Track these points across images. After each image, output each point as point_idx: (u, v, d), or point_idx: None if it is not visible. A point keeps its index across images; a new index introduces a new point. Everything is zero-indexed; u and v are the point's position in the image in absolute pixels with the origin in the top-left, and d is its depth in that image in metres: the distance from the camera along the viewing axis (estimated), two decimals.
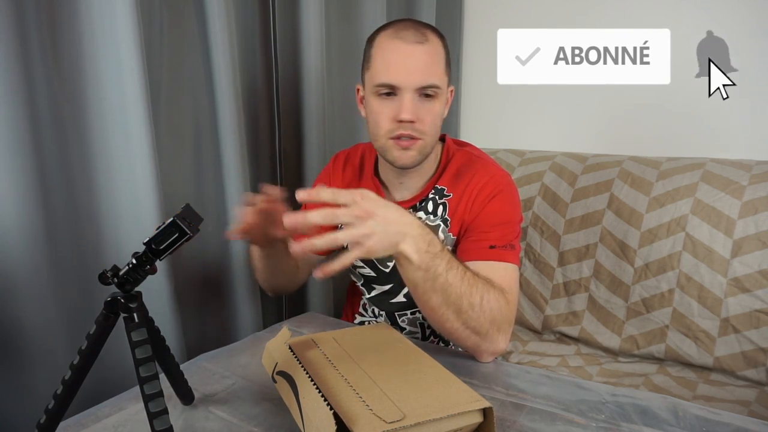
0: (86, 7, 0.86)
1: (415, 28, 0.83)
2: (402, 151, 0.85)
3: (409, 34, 0.82)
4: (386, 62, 0.82)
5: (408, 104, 0.81)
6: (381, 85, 0.83)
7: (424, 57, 0.82)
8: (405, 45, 0.81)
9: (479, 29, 1.74)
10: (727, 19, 1.32)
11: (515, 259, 0.85)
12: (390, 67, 0.82)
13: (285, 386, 0.64)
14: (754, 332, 1.14)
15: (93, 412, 0.67)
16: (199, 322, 1.13)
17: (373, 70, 0.85)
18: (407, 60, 0.81)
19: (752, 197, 1.18)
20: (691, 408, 0.67)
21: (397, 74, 0.81)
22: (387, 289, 0.99)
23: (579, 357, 1.29)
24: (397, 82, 0.81)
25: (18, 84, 0.77)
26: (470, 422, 0.57)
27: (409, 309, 1.00)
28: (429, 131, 0.85)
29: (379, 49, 0.84)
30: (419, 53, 0.81)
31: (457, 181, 0.91)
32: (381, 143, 0.87)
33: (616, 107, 1.51)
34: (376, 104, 0.85)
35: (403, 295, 0.98)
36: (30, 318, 0.82)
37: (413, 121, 0.82)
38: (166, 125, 1.03)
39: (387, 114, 0.84)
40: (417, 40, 0.81)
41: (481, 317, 0.74)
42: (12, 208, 0.78)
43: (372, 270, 0.98)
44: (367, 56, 0.87)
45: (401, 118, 0.82)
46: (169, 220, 0.52)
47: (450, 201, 0.91)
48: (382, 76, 0.82)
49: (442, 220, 0.92)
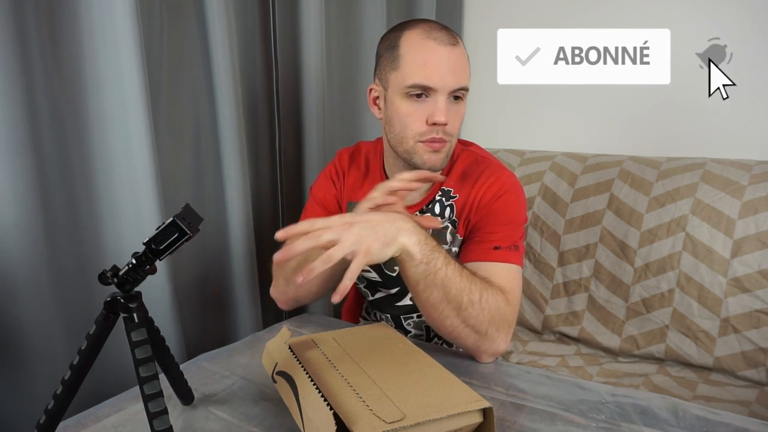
0: (86, 7, 0.86)
1: (446, 29, 0.82)
2: (432, 154, 0.83)
3: (442, 36, 0.80)
4: (421, 63, 0.80)
5: (443, 107, 0.80)
6: (414, 86, 0.80)
7: (459, 59, 0.81)
8: (440, 47, 0.80)
9: (479, 29, 1.74)
10: (727, 19, 1.32)
11: (519, 260, 0.85)
12: (426, 68, 0.79)
13: (285, 386, 0.64)
14: (754, 332, 1.14)
15: (93, 412, 0.67)
16: (199, 322, 1.13)
17: (404, 70, 0.81)
18: (443, 62, 0.80)
19: (752, 197, 1.18)
20: (691, 408, 0.67)
21: (434, 76, 0.79)
22: (393, 293, 0.98)
23: (579, 357, 1.29)
24: (434, 84, 0.79)
25: (18, 84, 0.77)
26: (470, 422, 0.57)
27: (415, 312, 0.99)
28: (455, 133, 0.85)
29: (410, 50, 0.81)
30: (454, 55, 0.80)
31: (463, 182, 0.91)
32: (409, 146, 0.84)
33: (616, 107, 1.51)
34: (405, 106, 0.82)
35: (409, 299, 0.97)
36: (30, 318, 0.82)
37: (446, 124, 0.81)
38: (166, 125, 1.03)
39: (419, 116, 0.82)
40: (450, 42, 0.80)
41: (481, 315, 0.73)
42: (12, 208, 0.78)
43: (378, 275, 0.97)
44: (392, 56, 0.83)
45: (436, 121, 0.80)
46: (169, 220, 0.52)
47: (456, 202, 0.91)
48: (417, 77, 0.80)
49: (450, 221, 0.91)
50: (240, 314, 1.17)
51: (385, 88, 0.86)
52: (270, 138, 1.29)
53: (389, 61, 0.84)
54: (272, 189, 1.32)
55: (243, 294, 1.16)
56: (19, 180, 0.78)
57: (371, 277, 0.98)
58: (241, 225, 1.13)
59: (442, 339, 1.03)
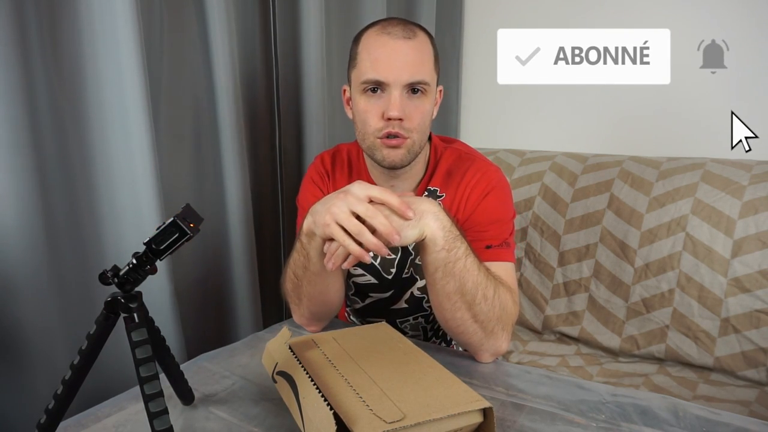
0: (86, 7, 0.86)
1: (403, 24, 0.81)
2: (390, 150, 0.82)
3: (397, 30, 0.79)
4: (373, 58, 0.79)
5: (396, 101, 0.79)
6: (368, 82, 0.80)
7: (412, 52, 0.79)
8: (392, 41, 0.79)
9: (479, 29, 1.74)
10: (727, 19, 1.32)
11: (512, 257, 0.84)
12: (378, 62, 0.79)
13: (285, 386, 0.64)
14: (754, 332, 1.14)
15: (93, 412, 0.67)
16: (199, 322, 1.13)
17: (359, 67, 0.82)
18: (395, 55, 0.78)
19: (752, 197, 1.18)
20: (691, 408, 0.67)
21: (385, 70, 0.78)
22: (387, 296, 0.96)
23: (579, 357, 1.29)
24: (385, 77, 0.78)
25: (18, 84, 0.77)
26: (470, 422, 0.57)
27: (411, 315, 0.99)
28: (417, 129, 0.82)
29: (366, 46, 0.81)
30: (407, 48, 0.79)
31: (448, 181, 0.90)
32: (369, 143, 0.84)
33: (616, 107, 1.51)
34: (362, 102, 0.82)
35: (404, 301, 0.97)
36: (30, 318, 0.82)
37: (401, 119, 0.79)
38: (166, 125, 1.03)
39: (374, 112, 0.81)
40: (405, 35, 0.79)
41: (491, 312, 0.73)
42: (12, 208, 0.78)
43: (374, 277, 0.96)
44: (353, 54, 0.85)
45: (389, 115, 0.79)
46: (169, 220, 0.52)
47: (443, 201, 0.89)
48: (369, 72, 0.79)
49: None
50: (240, 314, 1.17)
51: (350, 88, 0.86)
52: (270, 138, 1.29)
53: (351, 60, 0.85)
54: (272, 189, 1.32)
55: (243, 294, 1.16)
56: (20, 180, 0.78)
57: (363, 281, 0.96)
58: (241, 225, 1.13)
59: (441, 338, 1.03)
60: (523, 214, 1.48)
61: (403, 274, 0.94)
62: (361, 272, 0.95)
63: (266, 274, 1.28)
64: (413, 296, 0.95)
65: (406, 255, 0.93)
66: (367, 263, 0.74)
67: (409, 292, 0.95)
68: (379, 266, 0.94)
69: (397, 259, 0.93)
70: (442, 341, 1.04)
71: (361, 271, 0.96)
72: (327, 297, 0.84)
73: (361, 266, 0.95)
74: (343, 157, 0.97)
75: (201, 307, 1.14)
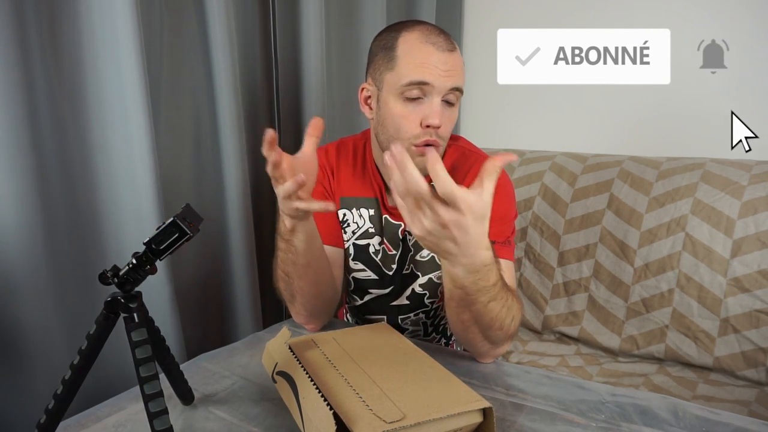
0: (86, 7, 0.86)
1: (444, 35, 0.82)
2: (422, 158, 0.80)
3: (440, 41, 0.80)
4: (419, 62, 0.79)
5: (438, 108, 0.80)
6: (411, 84, 0.79)
7: (455, 63, 0.81)
8: (438, 52, 0.79)
9: (479, 29, 1.74)
10: (727, 19, 1.32)
11: (511, 256, 0.85)
12: (425, 66, 0.79)
13: (285, 386, 0.64)
14: (754, 332, 1.14)
15: (93, 412, 0.67)
16: (199, 322, 1.13)
17: (400, 69, 0.81)
18: (441, 63, 0.79)
19: (752, 197, 1.18)
20: (691, 408, 0.67)
21: (433, 73, 0.79)
22: (387, 293, 0.97)
23: (579, 357, 1.29)
24: (432, 79, 0.79)
25: (18, 84, 0.77)
26: (470, 422, 0.57)
27: (412, 311, 0.98)
28: (446, 138, 0.85)
29: (408, 51, 0.80)
30: (451, 60, 0.81)
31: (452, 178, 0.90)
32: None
33: (616, 107, 1.51)
34: (399, 107, 0.81)
35: (406, 298, 0.97)
36: (30, 318, 0.82)
37: (440, 126, 0.81)
38: (166, 125, 1.03)
39: (413, 118, 0.80)
40: (449, 48, 0.81)
41: (504, 336, 0.74)
42: (12, 208, 0.78)
43: (375, 273, 0.95)
44: (388, 56, 0.82)
45: (431, 123, 0.79)
46: (169, 220, 0.52)
47: None
48: (415, 74, 0.79)
49: None
50: (240, 314, 1.17)
51: (378, 88, 0.85)
52: None
53: (385, 61, 0.83)
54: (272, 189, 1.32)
55: (243, 294, 1.16)
56: (19, 180, 0.78)
57: (364, 277, 0.96)
58: (241, 225, 1.13)
59: (441, 333, 1.03)
60: (523, 214, 1.48)
61: (403, 271, 0.94)
62: (361, 267, 0.96)
63: (266, 274, 1.28)
64: (414, 293, 0.96)
65: (405, 251, 0.94)
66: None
67: (411, 289, 0.96)
68: (380, 261, 0.94)
69: (398, 256, 0.94)
70: (442, 337, 1.04)
71: (361, 266, 0.96)
72: (319, 289, 0.84)
73: (362, 262, 0.95)
74: (349, 150, 0.96)
75: (201, 307, 1.14)
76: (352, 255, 0.95)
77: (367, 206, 0.94)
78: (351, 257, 0.95)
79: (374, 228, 0.93)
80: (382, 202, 0.94)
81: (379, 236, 0.94)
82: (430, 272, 0.94)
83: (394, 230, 0.94)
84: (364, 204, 0.94)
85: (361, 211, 0.94)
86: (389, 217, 0.93)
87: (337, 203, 0.95)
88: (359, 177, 0.94)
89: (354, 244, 0.95)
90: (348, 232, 0.95)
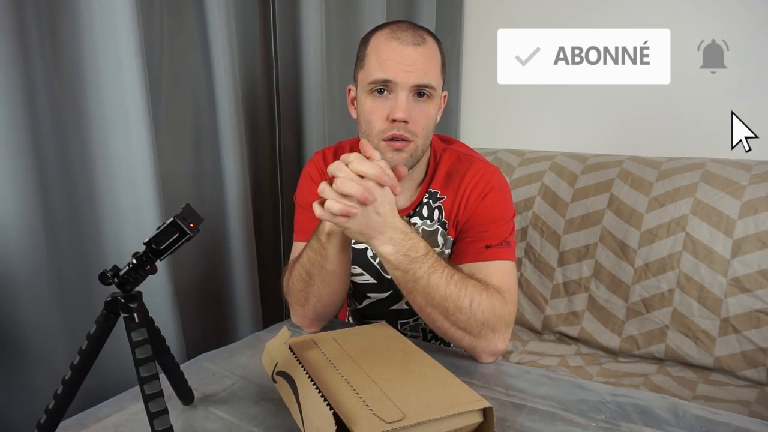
0: (86, 7, 0.86)
1: (413, 29, 0.82)
2: (394, 153, 0.81)
3: (407, 36, 0.80)
4: (382, 59, 0.80)
5: (402, 103, 0.79)
6: (375, 81, 0.80)
7: (421, 58, 0.80)
8: (402, 46, 0.80)
9: (479, 29, 1.74)
10: (726, 20, 1.32)
11: (512, 256, 0.84)
12: (386, 63, 0.80)
13: (285, 386, 0.64)
14: (754, 332, 1.14)
15: (93, 412, 0.67)
16: (199, 322, 1.13)
17: (367, 67, 0.82)
18: (404, 59, 0.79)
19: (752, 197, 1.18)
20: (691, 408, 0.67)
21: (394, 70, 0.79)
22: (386, 296, 0.97)
23: (579, 357, 1.29)
24: (393, 77, 0.79)
25: (18, 84, 0.77)
26: (470, 422, 0.57)
27: (411, 317, 0.98)
28: (421, 133, 0.83)
29: (375, 48, 0.82)
30: (416, 54, 0.80)
31: (448, 183, 0.90)
32: (374, 144, 0.82)
33: (616, 107, 1.51)
34: (368, 103, 0.82)
35: (405, 303, 0.97)
36: (30, 318, 0.82)
37: (406, 121, 0.80)
38: (166, 125, 1.03)
39: (380, 113, 0.81)
40: (414, 41, 0.80)
41: (471, 319, 0.74)
42: (12, 208, 0.78)
43: (373, 277, 0.95)
44: (361, 55, 0.85)
45: (395, 117, 0.79)
46: (169, 220, 0.52)
47: (444, 204, 0.90)
48: (378, 71, 0.80)
49: (440, 223, 0.90)
50: (240, 314, 1.17)
51: (356, 87, 0.87)
52: (270, 138, 1.29)
53: (358, 60, 0.86)
54: (272, 189, 1.32)
55: (243, 294, 1.16)
56: (19, 180, 0.78)
57: (363, 281, 0.96)
58: (241, 225, 1.13)
59: (440, 340, 1.03)
60: (523, 214, 1.48)
61: None
62: (359, 271, 0.96)
63: (266, 273, 1.28)
64: None
65: None
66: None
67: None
68: (378, 265, 0.94)
69: None
70: (441, 343, 1.04)
71: (360, 270, 0.96)
72: (336, 297, 0.85)
73: (360, 266, 0.95)
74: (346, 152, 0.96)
75: (201, 307, 1.14)
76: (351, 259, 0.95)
77: None
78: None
79: None
80: None
81: None
82: None
83: None
84: None
85: None
86: None
87: None
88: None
89: (351, 248, 0.94)
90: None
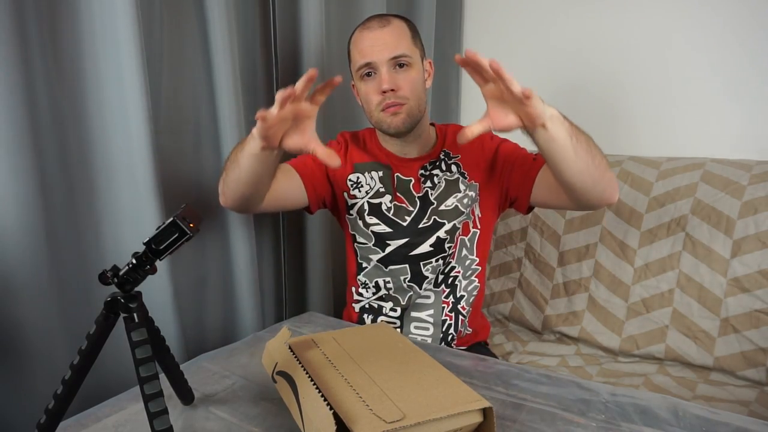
0: (86, 7, 0.86)
1: (378, 17, 0.98)
2: (392, 117, 0.97)
3: (373, 23, 0.97)
4: (360, 48, 0.97)
5: (385, 76, 0.94)
6: (360, 67, 0.97)
7: (388, 35, 0.95)
8: (370, 32, 0.96)
9: (479, 29, 1.74)
10: (726, 20, 1.32)
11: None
12: (364, 50, 0.96)
13: (285, 386, 0.64)
14: (754, 332, 1.14)
15: (93, 412, 0.67)
16: (199, 322, 1.13)
17: (353, 60, 1.00)
18: (375, 41, 0.95)
19: (752, 197, 1.18)
20: (691, 408, 0.67)
21: (370, 53, 0.95)
22: (403, 243, 1.04)
23: (579, 357, 1.29)
24: (371, 58, 0.95)
25: (18, 84, 0.77)
26: (470, 422, 0.57)
27: (433, 257, 1.05)
28: (411, 96, 0.97)
29: (354, 43, 1.00)
30: (384, 34, 0.95)
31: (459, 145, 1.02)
32: (376, 118, 0.99)
33: (616, 107, 1.51)
34: (362, 87, 0.99)
35: (429, 245, 1.04)
36: (30, 318, 0.82)
37: (394, 89, 0.94)
38: (166, 125, 1.03)
39: (372, 91, 0.97)
40: (380, 25, 0.96)
41: (605, 161, 0.82)
42: (12, 209, 0.78)
43: (389, 226, 1.04)
44: (348, 54, 1.03)
45: (383, 89, 0.94)
46: (169, 220, 0.52)
47: (460, 160, 1.04)
48: (359, 59, 0.97)
49: (459, 173, 1.04)
50: (240, 314, 1.17)
51: (353, 80, 1.03)
52: None
53: (348, 58, 1.04)
54: None
55: (243, 294, 1.16)
56: (19, 180, 0.78)
57: (380, 230, 1.05)
58: (241, 225, 1.13)
59: (449, 287, 1.06)
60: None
61: (420, 224, 1.04)
62: (376, 221, 1.05)
63: (266, 273, 1.28)
64: (439, 239, 1.04)
65: (426, 205, 1.04)
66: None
67: (435, 236, 1.04)
68: (393, 216, 1.05)
69: (415, 212, 1.04)
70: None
71: (376, 220, 1.05)
72: (251, 191, 0.89)
73: (376, 216, 1.05)
74: (359, 136, 1.13)
75: (201, 307, 1.14)
76: (367, 211, 1.06)
77: (377, 169, 1.06)
78: (366, 213, 1.06)
79: (384, 188, 1.05)
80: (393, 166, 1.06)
81: (389, 194, 1.05)
82: (454, 219, 1.03)
83: (406, 186, 1.05)
84: (375, 168, 1.06)
85: (372, 174, 1.06)
86: (400, 174, 1.05)
87: (351, 168, 1.07)
88: (370, 151, 1.09)
89: (368, 202, 1.06)
90: (362, 191, 1.06)
